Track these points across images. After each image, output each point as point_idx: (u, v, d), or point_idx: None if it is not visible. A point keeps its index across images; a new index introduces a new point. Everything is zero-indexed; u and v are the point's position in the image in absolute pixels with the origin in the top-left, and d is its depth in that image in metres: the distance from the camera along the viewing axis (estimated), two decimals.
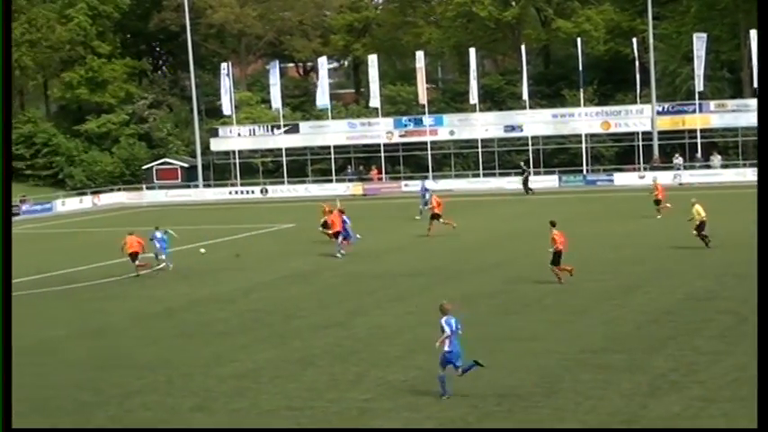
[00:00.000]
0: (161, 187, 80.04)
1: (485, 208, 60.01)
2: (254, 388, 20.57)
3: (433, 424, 17.72)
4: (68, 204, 76.13)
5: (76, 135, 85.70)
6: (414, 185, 74.94)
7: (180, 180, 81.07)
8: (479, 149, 75.85)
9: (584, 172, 73.70)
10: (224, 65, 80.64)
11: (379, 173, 78.17)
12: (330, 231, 41.92)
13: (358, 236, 41.38)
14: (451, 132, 77.06)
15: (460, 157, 79.16)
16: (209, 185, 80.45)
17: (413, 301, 29.93)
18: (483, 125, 76.20)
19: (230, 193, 78.65)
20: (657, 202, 47.76)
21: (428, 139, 76.76)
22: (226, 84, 79.94)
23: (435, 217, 45.47)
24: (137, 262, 37.71)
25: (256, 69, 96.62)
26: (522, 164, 72.24)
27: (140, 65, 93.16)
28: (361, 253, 40.17)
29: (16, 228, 63.45)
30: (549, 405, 18.31)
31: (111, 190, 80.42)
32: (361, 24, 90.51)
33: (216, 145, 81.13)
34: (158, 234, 39.11)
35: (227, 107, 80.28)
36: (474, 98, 75.54)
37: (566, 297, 28.95)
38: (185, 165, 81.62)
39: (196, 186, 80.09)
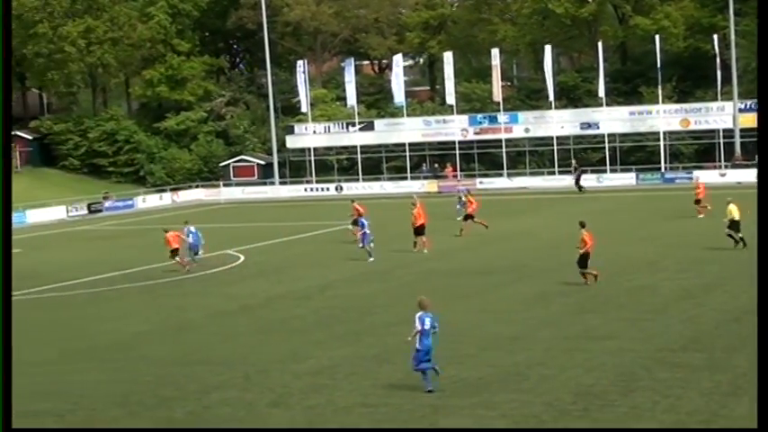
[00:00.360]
0: (238, 184, 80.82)
1: (560, 206, 59.58)
2: (330, 384, 20.71)
3: (506, 422, 17.67)
4: (149, 201, 77.24)
5: (156, 132, 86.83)
6: (488, 183, 74.90)
7: (256, 177, 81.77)
8: (555, 147, 75.30)
9: (663, 170, 72.77)
10: (300, 62, 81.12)
11: (454, 170, 78.03)
12: (357, 230, 42.37)
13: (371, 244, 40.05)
14: (526, 130, 76.64)
15: (535, 155, 78.69)
16: (284, 183, 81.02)
17: (486, 298, 29.90)
18: (558, 122, 75.67)
19: (306, 190, 79.11)
20: (698, 201, 47.80)
21: (503, 136, 76.42)
22: (302, 81, 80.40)
23: (469, 217, 45.55)
24: (177, 258, 38.95)
25: (332, 67, 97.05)
26: (573, 162, 72.13)
27: (218, 62, 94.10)
28: (435, 250, 40.19)
29: (100, 224, 64.69)
30: (625, 404, 18.16)
31: (190, 187, 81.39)
32: (437, 22, 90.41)
33: (292, 142, 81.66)
34: (192, 229, 40.46)
35: (302, 104, 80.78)
36: (550, 95, 75.05)
37: (642, 295, 28.67)
38: (262, 162, 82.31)
39: (272, 183, 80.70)
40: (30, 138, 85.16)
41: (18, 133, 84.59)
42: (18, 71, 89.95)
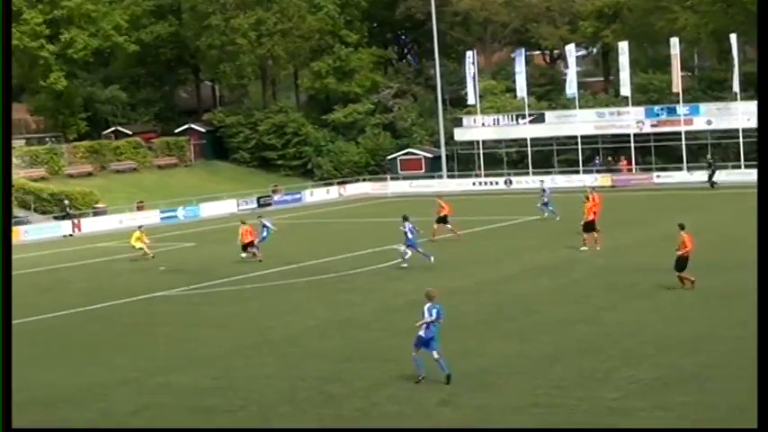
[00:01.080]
0: (405, 178, 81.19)
1: (744, 201, 57.64)
2: (500, 383, 20.62)
3: (686, 425, 17.25)
4: (316, 195, 78.42)
5: (324, 125, 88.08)
6: (666, 177, 73.15)
7: (423, 170, 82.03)
8: (740, 140, 72.87)
9: None
10: (469, 53, 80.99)
11: (629, 164, 76.56)
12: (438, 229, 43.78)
13: (432, 259, 38.07)
14: (708, 122, 74.46)
15: (718, 148, 76.33)
16: (452, 176, 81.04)
17: (663, 297, 29.24)
18: (744, 114, 73.17)
19: (474, 183, 78.96)
20: None
21: (682, 128, 74.45)
22: (470, 72, 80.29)
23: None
24: (253, 250, 41.95)
25: (501, 57, 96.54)
26: (708, 157, 70.10)
27: (386, 54, 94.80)
28: (609, 247, 39.53)
29: (269, 218, 65.90)
30: None
31: (357, 180, 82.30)
32: (612, 10, 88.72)
33: (460, 135, 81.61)
34: (267, 223, 44.43)
35: (471, 96, 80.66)
36: (735, 86, 72.71)
37: None
38: (429, 155, 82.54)
39: (440, 177, 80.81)
40: (203, 131, 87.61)
41: (192, 126, 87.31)
42: (192, 63, 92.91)
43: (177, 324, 30.24)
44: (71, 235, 61.38)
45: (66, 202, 65.24)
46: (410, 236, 37.95)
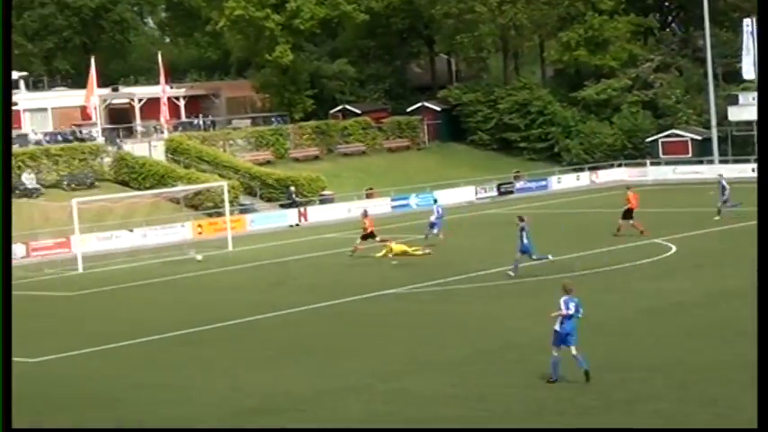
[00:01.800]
0: (667, 163, 79.58)
1: None
2: None
3: None
4: (564, 181, 77.79)
5: (573, 103, 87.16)
6: None
7: (690, 155, 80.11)
8: None
9: None
10: (746, 20, 78.37)
11: None
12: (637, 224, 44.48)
13: (549, 256, 38.09)
14: None
15: None
16: (725, 161, 78.75)
17: None
18: None
19: (753, 170, 76.30)
20: None
21: None
22: (748, 43, 77.77)
23: None
24: (377, 239, 44.75)
25: None
26: None
27: (646, 22, 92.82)
28: None
29: (510, 207, 65.95)
30: None
31: (611, 165, 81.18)
32: None
33: (735, 114, 79.17)
34: (440, 210, 48.53)
35: (748, 70, 78.09)
36: None
37: None
38: (697, 137, 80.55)
39: (710, 162, 78.74)
40: (437, 109, 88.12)
41: (425, 104, 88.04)
42: (426, 34, 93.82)
43: (410, 324, 30.69)
44: (297, 225, 63.14)
45: (293, 188, 66.88)
46: (525, 240, 37.49)
